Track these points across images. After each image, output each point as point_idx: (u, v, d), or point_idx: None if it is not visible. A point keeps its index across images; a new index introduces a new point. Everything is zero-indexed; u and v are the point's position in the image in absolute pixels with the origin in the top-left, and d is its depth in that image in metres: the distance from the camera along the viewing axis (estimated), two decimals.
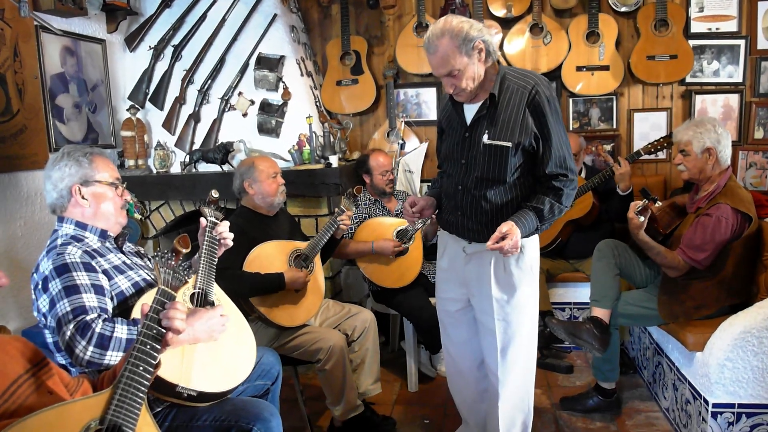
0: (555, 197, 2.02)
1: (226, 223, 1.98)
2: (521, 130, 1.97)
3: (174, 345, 1.47)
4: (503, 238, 1.90)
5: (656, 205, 2.48)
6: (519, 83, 2.00)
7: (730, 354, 2.33)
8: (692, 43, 3.72)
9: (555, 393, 3.10)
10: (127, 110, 3.68)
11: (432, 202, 2.26)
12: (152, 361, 1.35)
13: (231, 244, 1.99)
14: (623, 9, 3.77)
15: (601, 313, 2.70)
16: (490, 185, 2.05)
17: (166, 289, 1.41)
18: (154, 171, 3.76)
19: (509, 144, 1.97)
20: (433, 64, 1.95)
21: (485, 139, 2.00)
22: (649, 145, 3.23)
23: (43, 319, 1.70)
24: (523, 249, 2.07)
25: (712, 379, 2.36)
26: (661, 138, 3.22)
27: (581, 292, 3.52)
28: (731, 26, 3.74)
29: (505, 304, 2.11)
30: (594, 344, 2.64)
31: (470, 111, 2.07)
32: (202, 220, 1.94)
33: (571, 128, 4.01)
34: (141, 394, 1.32)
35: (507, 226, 1.92)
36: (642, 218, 2.49)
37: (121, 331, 1.60)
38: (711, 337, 2.41)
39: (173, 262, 1.44)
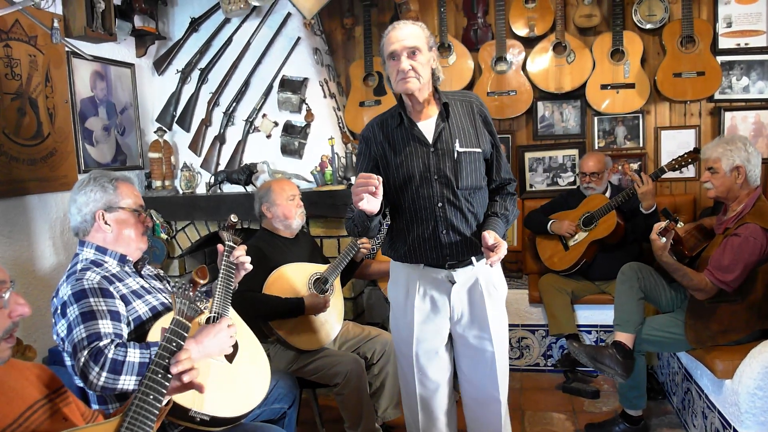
0: (512, 203, 2.12)
1: (243, 247, 2.00)
2: (481, 138, 2.04)
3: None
4: (491, 250, 1.87)
5: (678, 225, 2.41)
6: (460, 98, 2.08)
7: (760, 382, 2.24)
8: (720, 59, 3.65)
9: (580, 419, 3.02)
10: (155, 132, 3.77)
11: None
12: (163, 390, 1.36)
13: (250, 267, 2.01)
14: (648, 26, 3.72)
15: (624, 337, 2.64)
16: (471, 194, 2.03)
17: (181, 319, 1.43)
18: (180, 192, 3.83)
19: (479, 150, 2.03)
20: (400, 36, 1.93)
21: (458, 147, 1.99)
22: (674, 161, 3.14)
23: (61, 343, 1.74)
24: None
25: (742, 409, 2.28)
26: (686, 153, 3.13)
27: (608, 315, 3.42)
28: (761, 41, 3.65)
29: (497, 323, 2.10)
30: (617, 370, 2.58)
31: (426, 127, 2.03)
32: (220, 245, 1.96)
33: (596, 147, 3.95)
34: (150, 423, 1.32)
35: (492, 236, 1.87)
36: (664, 239, 2.43)
37: (134, 355, 1.62)
38: (740, 364, 2.32)
39: (190, 293, 1.46)
